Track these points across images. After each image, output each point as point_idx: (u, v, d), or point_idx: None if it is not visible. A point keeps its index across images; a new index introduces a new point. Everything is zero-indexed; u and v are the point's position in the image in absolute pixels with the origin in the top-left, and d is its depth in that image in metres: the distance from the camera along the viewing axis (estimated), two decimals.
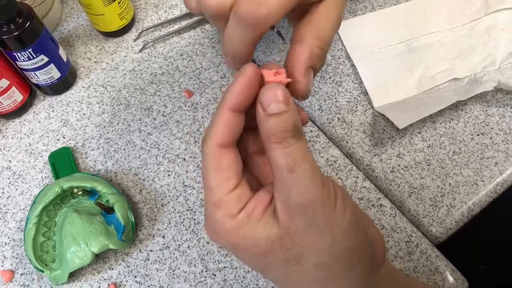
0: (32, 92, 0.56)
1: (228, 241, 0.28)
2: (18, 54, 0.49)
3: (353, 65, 0.57)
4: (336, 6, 0.30)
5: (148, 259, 0.47)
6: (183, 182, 0.51)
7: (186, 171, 0.52)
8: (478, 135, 0.53)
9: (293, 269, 0.28)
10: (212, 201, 0.28)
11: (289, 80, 0.28)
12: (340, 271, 0.28)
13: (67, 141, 0.54)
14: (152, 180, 0.51)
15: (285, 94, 0.27)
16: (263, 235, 0.27)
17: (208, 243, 0.48)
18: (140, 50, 0.60)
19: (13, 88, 0.52)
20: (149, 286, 0.46)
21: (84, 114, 0.56)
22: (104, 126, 0.55)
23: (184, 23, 0.61)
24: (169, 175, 0.52)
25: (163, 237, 0.48)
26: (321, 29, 0.29)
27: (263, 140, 0.27)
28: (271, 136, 0.26)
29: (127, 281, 0.47)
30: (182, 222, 0.49)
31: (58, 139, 0.54)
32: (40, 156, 0.53)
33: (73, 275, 0.47)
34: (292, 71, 0.29)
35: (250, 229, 0.27)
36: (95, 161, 0.53)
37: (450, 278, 0.46)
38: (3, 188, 0.52)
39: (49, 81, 0.54)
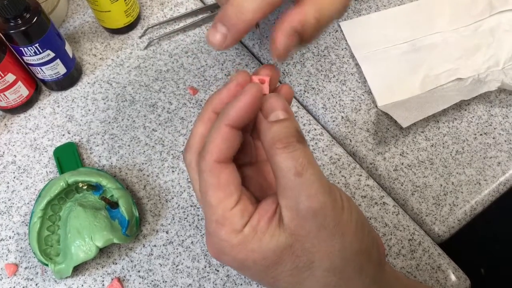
0: (37, 87, 0.56)
1: (234, 257, 0.27)
2: (25, 49, 0.49)
3: (357, 64, 0.58)
4: None
5: (152, 254, 0.48)
6: (187, 178, 0.51)
7: None
8: (481, 134, 0.53)
9: (304, 276, 0.27)
10: (215, 219, 0.27)
11: (267, 93, 0.28)
12: (352, 273, 0.28)
13: (72, 136, 0.54)
14: (156, 176, 0.52)
15: (284, 103, 0.27)
16: (271, 246, 0.27)
17: None
18: (146, 47, 0.60)
19: (19, 83, 0.52)
20: (152, 281, 0.46)
21: (89, 110, 0.56)
22: (109, 122, 0.55)
23: (189, 20, 0.62)
24: (173, 171, 0.52)
25: (167, 232, 0.49)
26: (324, 4, 0.29)
27: (266, 148, 0.27)
28: (276, 142, 0.26)
29: (130, 275, 0.47)
30: (186, 218, 0.49)
31: (63, 135, 0.55)
32: (45, 151, 0.54)
33: (77, 269, 0.47)
34: (276, 28, 0.28)
35: (257, 242, 0.27)
36: (99, 156, 0.53)
37: (453, 277, 0.46)
38: (8, 183, 0.52)
39: (54, 77, 0.54)
